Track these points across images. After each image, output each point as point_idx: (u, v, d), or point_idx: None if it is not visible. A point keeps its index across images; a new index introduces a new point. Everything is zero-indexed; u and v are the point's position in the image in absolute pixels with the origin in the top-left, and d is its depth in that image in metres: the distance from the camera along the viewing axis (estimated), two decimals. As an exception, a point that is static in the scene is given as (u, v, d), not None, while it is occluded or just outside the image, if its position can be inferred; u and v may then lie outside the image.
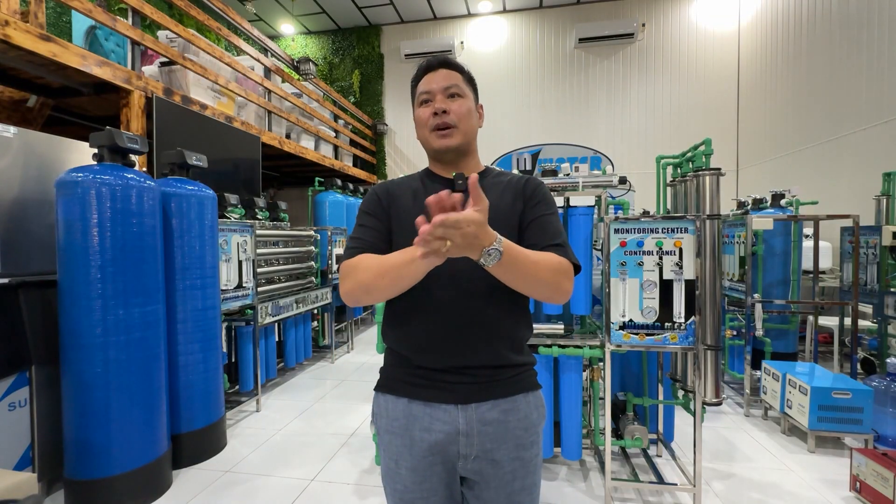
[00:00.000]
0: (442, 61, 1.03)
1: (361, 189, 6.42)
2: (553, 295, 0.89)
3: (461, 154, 1.03)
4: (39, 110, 3.59)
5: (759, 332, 3.28)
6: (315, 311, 4.65)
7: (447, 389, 0.93)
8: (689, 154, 2.76)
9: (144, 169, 3.36)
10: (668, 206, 3.11)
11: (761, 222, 3.24)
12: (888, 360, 2.55)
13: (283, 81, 5.88)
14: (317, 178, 5.73)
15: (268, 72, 5.42)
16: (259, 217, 3.94)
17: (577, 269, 0.94)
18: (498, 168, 1.12)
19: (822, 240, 4.27)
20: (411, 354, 0.96)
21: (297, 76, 6.59)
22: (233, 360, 3.50)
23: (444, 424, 0.92)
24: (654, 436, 2.52)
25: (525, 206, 1.00)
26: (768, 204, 3.99)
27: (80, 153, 2.60)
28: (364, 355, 4.81)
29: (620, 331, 2.00)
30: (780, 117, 5.85)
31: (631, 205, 3.42)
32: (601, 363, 2.24)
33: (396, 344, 0.99)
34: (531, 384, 1.00)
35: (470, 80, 1.05)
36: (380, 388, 1.02)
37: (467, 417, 0.92)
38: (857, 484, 2.12)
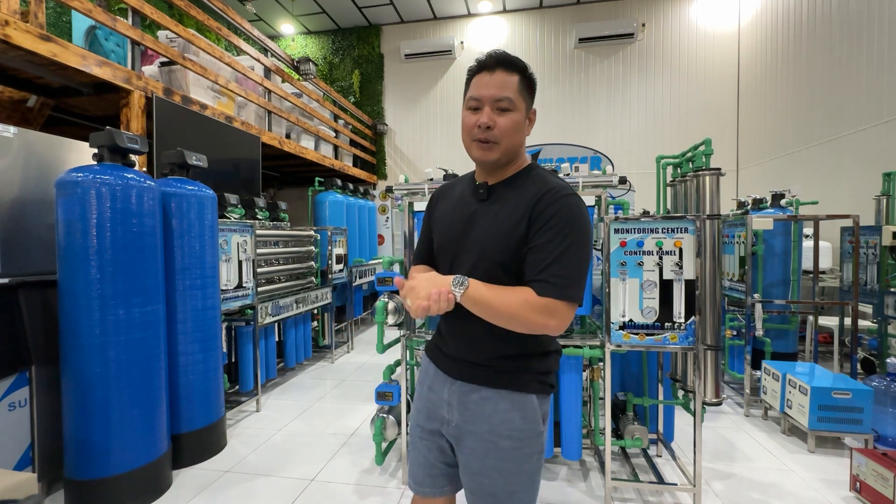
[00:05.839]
0: (500, 60, 0.95)
1: (361, 189, 6.41)
2: (526, 330, 0.94)
3: (500, 165, 1.04)
4: (39, 110, 3.59)
5: (759, 332, 3.28)
6: (315, 311, 4.64)
7: (450, 365, 1.11)
8: (689, 154, 2.76)
9: (144, 169, 3.36)
10: (668, 206, 3.11)
11: (761, 222, 3.24)
12: (888, 360, 2.55)
13: (283, 81, 5.87)
14: (317, 178, 5.72)
15: (268, 72, 5.42)
16: (259, 217, 3.93)
17: (569, 302, 0.92)
18: (538, 167, 1.07)
19: (822, 240, 4.27)
20: (437, 336, 1.18)
21: (297, 76, 6.59)
22: (233, 360, 3.50)
23: (440, 390, 1.11)
24: (654, 436, 2.52)
25: (529, 229, 0.96)
26: (768, 204, 3.98)
27: (80, 153, 2.60)
28: (364, 355, 4.81)
29: (620, 331, 2.00)
30: (781, 117, 5.85)
31: (631, 205, 3.42)
32: (601, 363, 2.24)
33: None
34: (520, 386, 1.03)
35: (528, 84, 0.99)
36: (426, 349, 1.24)
37: (451, 390, 1.09)
38: (857, 484, 2.12)
